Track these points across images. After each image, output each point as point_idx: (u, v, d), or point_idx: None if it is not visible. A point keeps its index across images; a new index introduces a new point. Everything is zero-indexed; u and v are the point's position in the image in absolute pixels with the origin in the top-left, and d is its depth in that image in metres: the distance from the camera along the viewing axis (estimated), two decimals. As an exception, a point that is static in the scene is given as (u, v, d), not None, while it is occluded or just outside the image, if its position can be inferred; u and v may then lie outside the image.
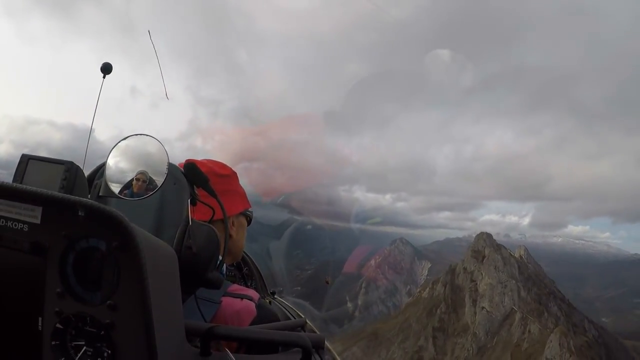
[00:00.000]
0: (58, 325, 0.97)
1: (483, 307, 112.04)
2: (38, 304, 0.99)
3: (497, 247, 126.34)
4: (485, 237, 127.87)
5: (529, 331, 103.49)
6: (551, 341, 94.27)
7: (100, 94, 1.94)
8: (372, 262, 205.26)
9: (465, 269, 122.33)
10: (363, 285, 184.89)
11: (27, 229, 0.99)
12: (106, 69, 2.02)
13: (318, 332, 2.39)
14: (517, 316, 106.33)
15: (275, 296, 3.52)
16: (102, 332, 0.95)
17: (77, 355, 0.98)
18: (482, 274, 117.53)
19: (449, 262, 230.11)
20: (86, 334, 0.97)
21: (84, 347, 0.97)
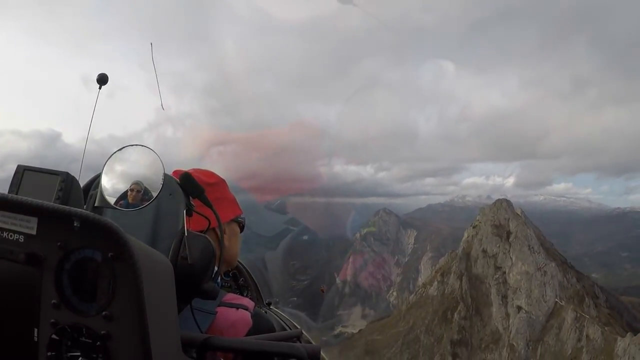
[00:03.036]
0: (54, 336, 0.95)
1: (519, 307, 76.67)
2: (34, 314, 0.97)
3: (515, 215, 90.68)
4: (505, 206, 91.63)
5: (587, 336, 68.74)
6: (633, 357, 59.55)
7: (95, 107, 1.90)
8: (357, 235, 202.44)
9: (485, 251, 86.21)
10: (350, 259, 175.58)
11: (22, 239, 0.97)
12: (102, 80, 1.94)
13: (314, 343, 2.38)
14: (569, 315, 71.42)
15: (271, 307, 3.42)
16: (98, 342, 0.94)
17: None
18: (511, 258, 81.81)
19: (434, 229, 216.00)
20: (82, 344, 0.95)
21: (80, 358, 0.95)
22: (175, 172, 1.68)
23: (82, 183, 1.58)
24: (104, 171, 1.32)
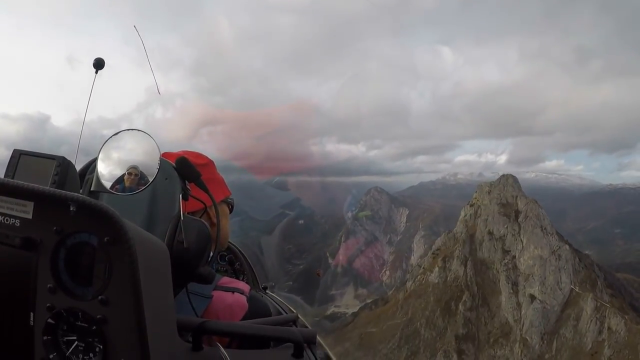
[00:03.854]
0: (50, 321, 0.95)
1: (532, 296, 67.65)
2: (30, 299, 0.97)
3: (524, 193, 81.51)
4: (512, 182, 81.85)
5: (609, 328, 60.18)
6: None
7: (92, 91, 1.87)
8: (349, 214, 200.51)
9: (491, 233, 76.71)
10: (342, 239, 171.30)
11: (18, 224, 0.97)
12: (99, 64, 1.91)
13: (310, 327, 2.27)
14: (589, 305, 62.64)
15: (267, 291, 3.34)
16: (94, 327, 0.94)
17: (68, 350, 0.96)
18: (521, 241, 72.31)
19: (426, 207, 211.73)
20: (78, 329, 0.95)
21: (76, 342, 0.96)
22: (164, 154, 1.62)
23: (78, 167, 1.56)
24: (100, 156, 1.31)
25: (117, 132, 1.30)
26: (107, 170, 1.30)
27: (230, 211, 1.91)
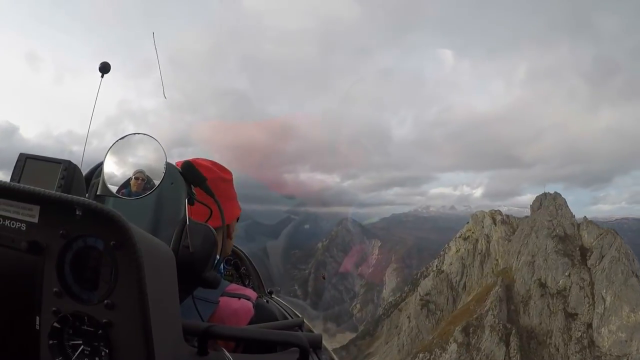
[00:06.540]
0: (55, 325, 0.95)
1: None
2: (36, 303, 0.96)
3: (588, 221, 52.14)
4: (563, 204, 52.90)
5: None
6: None
7: (97, 96, 1.85)
8: (319, 244, 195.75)
9: (543, 284, 46.68)
10: (312, 270, 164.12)
11: (24, 228, 0.97)
12: (104, 68, 1.88)
13: (315, 332, 2.37)
14: None
15: (273, 295, 3.36)
16: (100, 331, 0.93)
17: (74, 355, 0.95)
18: (603, 298, 42.44)
19: (399, 239, 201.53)
20: (84, 333, 0.94)
21: (82, 346, 0.95)
22: (194, 161, 1.65)
23: (84, 172, 1.57)
24: (106, 160, 1.30)
25: (123, 136, 1.29)
26: (113, 174, 1.29)
27: (237, 220, 1.93)
